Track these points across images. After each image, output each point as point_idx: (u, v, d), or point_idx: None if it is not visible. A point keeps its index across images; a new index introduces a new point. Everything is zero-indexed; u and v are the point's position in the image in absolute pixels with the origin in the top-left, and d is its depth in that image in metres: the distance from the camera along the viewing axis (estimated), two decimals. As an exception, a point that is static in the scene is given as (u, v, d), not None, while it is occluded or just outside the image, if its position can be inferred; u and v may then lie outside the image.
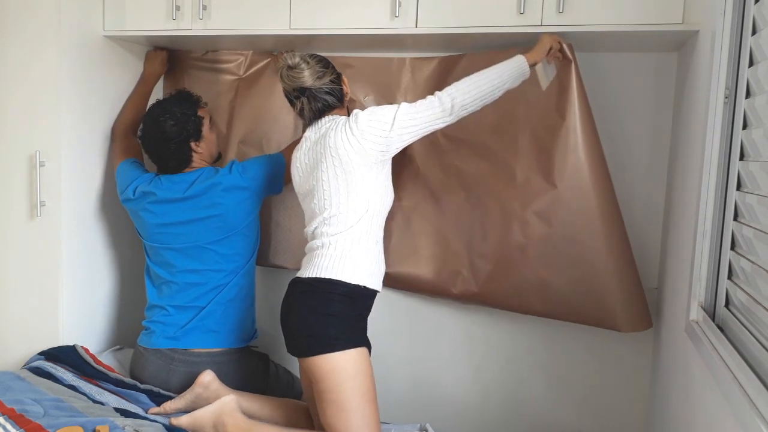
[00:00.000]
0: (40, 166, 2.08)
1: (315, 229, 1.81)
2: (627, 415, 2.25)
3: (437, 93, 1.76)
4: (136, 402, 1.94)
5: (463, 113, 1.77)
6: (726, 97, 1.42)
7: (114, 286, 2.40)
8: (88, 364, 2.09)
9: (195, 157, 2.10)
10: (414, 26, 1.97)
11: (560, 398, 2.31)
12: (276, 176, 2.14)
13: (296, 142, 2.28)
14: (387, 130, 1.73)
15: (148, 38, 2.31)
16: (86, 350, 2.14)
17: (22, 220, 2.14)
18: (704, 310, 1.49)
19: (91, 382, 1.99)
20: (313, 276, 1.75)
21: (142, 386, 2.04)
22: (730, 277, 1.41)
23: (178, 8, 2.13)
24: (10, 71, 2.10)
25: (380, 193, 1.81)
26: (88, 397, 1.89)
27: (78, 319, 2.22)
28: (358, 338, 1.76)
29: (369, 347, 1.79)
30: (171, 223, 2.05)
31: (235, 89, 2.47)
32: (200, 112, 2.12)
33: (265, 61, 2.42)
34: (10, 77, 2.10)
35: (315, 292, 1.74)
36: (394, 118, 1.73)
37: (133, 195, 2.08)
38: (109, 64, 2.28)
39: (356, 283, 1.75)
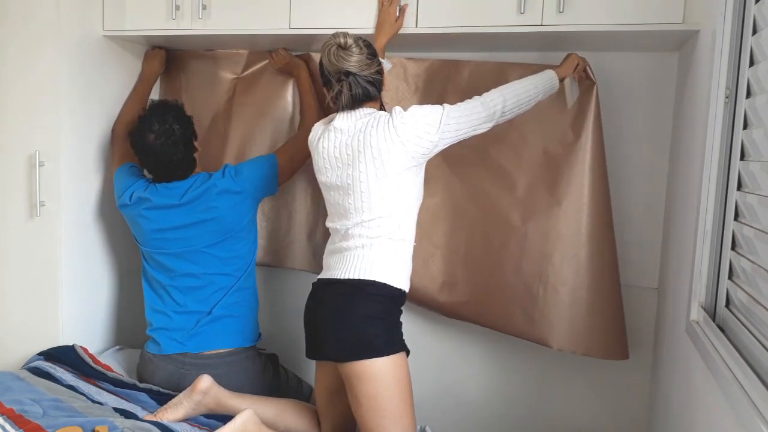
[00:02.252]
0: (40, 166, 2.08)
1: (349, 229, 1.72)
2: (627, 415, 2.25)
3: (478, 98, 1.72)
4: (136, 401, 1.93)
5: (502, 121, 1.76)
6: (726, 97, 1.42)
7: (114, 286, 2.40)
8: (87, 364, 2.08)
9: (197, 156, 2.10)
10: (414, 26, 1.97)
11: (559, 398, 2.31)
12: (270, 178, 2.12)
13: (292, 140, 2.26)
14: (434, 133, 1.66)
15: (148, 38, 2.31)
16: (85, 350, 2.14)
17: (21, 220, 2.14)
18: (705, 310, 1.49)
19: (90, 382, 1.99)
20: (356, 277, 1.68)
21: (141, 385, 2.03)
22: (730, 277, 1.41)
23: (177, 8, 2.13)
24: (10, 71, 2.10)
25: (417, 196, 1.75)
26: (87, 397, 1.89)
27: (78, 319, 2.22)
28: (401, 342, 1.72)
29: (408, 351, 1.74)
30: (167, 228, 2.05)
31: (233, 89, 2.46)
32: (187, 113, 2.12)
33: (263, 62, 2.42)
34: (10, 77, 2.10)
35: (359, 294, 1.68)
36: (440, 120, 1.66)
37: (130, 201, 2.08)
38: (109, 64, 2.27)
39: (398, 287, 1.71)
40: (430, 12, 1.95)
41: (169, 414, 1.83)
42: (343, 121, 1.72)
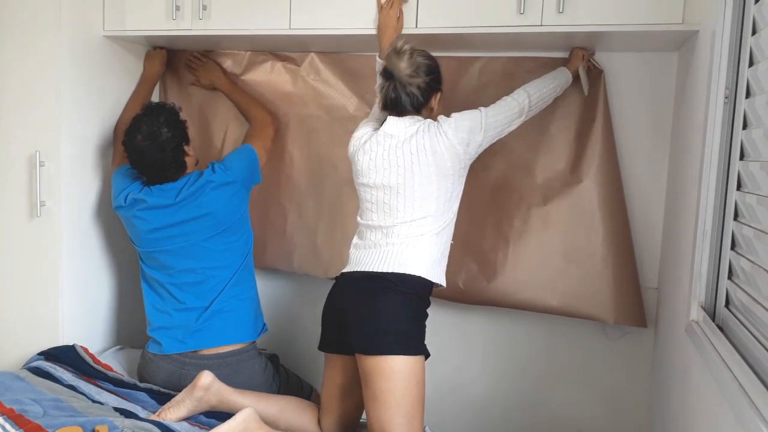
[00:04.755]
0: (40, 165, 2.08)
1: (394, 227, 1.78)
2: (627, 415, 2.25)
3: (506, 97, 1.84)
4: (136, 401, 1.94)
5: (529, 116, 1.87)
6: (726, 97, 1.42)
7: (114, 286, 2.40)
8: (87, 363, 2.08)
9: (188, 161, 2.10)
10: (414, 26, 1.97)
11: (560, 398, 2.31)
12: (254, 165, 2.17)
13: (257, 130, 2.29)
14: (478, 132, 1.77)
15: (148, 38, 2.31)
16: (85, 350, 2.14)
17: (22, 220, 2.14)
18: (704, 310, 1.49)
19: (90, 382, 1.99)
20: (397, 271, 1.73)
21: (141, 385, 2.04)
22: (730, 277, 1.41)
23: (177, 8, 2.13)
24: (11, 71, 2.10)
25: (460, 197, 1.84)
26: (88, 397, 1.89)
27: (78, 319, 2.22)
28: (424, 345, 1.76)
29: (428, 355, 1.77)
30: (163, 227, 2.06)
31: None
32: (182, 116, 2.13)
33: (264, 63, 2.41)
34: (11, 77, 2.10)
35: (395, 290, 1.72)
36: (482, 121, 1.77)
37: (125, 202, 2.08)
38: (109, 64, 2.27)
39: (436, 281, 1.78)
40: (430, 12, 1.95)
41: (171, 413, 1.82)
42: (393, 126, 1.81)
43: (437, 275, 1.79)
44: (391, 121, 1.82)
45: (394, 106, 1.81)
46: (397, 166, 1.77)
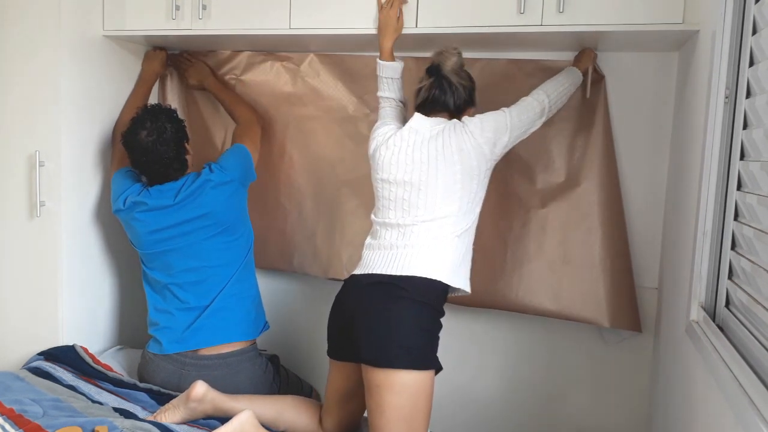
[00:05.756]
0: (40, 165, 2.08)
1: (412, 226, 1.74)
2: (627, 415, 2.25)
3: (526, 98, 1.84)
4: (136, 401, 1.93)
5: (549, 116, 1.87)
6: (726, 97, 1.42)
7: (114, 286, 2.40)
8: (87, 363, 2.08)
9: (188, 159, 2.11)
10: (414, 26, 1.97)
11: (560, 398, 2.31)
12: (249, 163, 2.18)
13: (246, 129, 2.28)
14: (504, 132, 1.77)
15: (148, 38, 2.31)
16: (85, 350, 2.14)
17: (21, 220, 2.14)
18: (704, 310, 1.49)
19: (90, 382, 1.99)
20: (414, 275, 1.68)
21: (141, 385, 2.04)
22: (730, 277, 1.41)
23: (177, 8, 2.13)
24: (11, 71, 2.10)
25: (483, 199, 1.82)
26: (87, 397, 1.89)
27: (78, 319, 2.22)
28: (437, 359, 1.71)
29: (439, 369, 1.72)
30: (163, 228, 2.06)
31: (232, 90, 2.46)
32: (181, 116, 2.14)
33: (264, 63, 2.41)
34: (11, 77, 2.10)
35: (408, 298, 1.67)
36: (507, 122, 1.78)
37: (123, 205, 2.08)
38: (109, 64, 2.27)
39: (458, 286, 1.75)
40: (430, 12, 1.95)
41: (167, 417, 1.82)
42: (419, 123, 1.81)
43: (458, 280, 1.74)
44: (418, 117, 1.82)
45: (434, 103, 1.81)
46: (420, 163, 1.75)
